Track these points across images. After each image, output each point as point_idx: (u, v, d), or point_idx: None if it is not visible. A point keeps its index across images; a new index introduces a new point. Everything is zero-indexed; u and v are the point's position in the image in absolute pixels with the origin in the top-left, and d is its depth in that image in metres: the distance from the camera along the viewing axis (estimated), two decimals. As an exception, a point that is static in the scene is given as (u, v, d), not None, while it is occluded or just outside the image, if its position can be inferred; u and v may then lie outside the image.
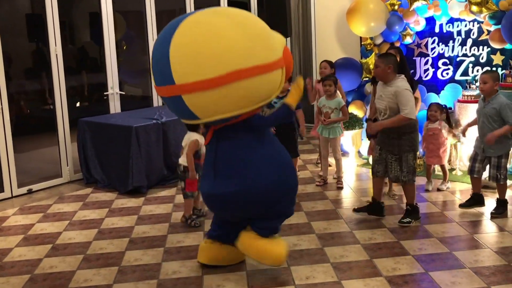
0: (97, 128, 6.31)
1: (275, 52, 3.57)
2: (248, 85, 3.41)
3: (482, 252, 4.20)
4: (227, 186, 3.66)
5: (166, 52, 3.38)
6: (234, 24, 3.44)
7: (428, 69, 7.21)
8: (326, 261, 4.13)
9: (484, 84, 4.83)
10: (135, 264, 4.22)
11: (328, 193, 5.84)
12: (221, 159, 3.72)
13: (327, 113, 5.94)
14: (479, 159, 5.00)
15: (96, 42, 7.19)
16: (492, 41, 6.36)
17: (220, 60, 3.33)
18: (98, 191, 6.21)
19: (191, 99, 3.43)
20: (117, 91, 6.98)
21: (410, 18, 6.95)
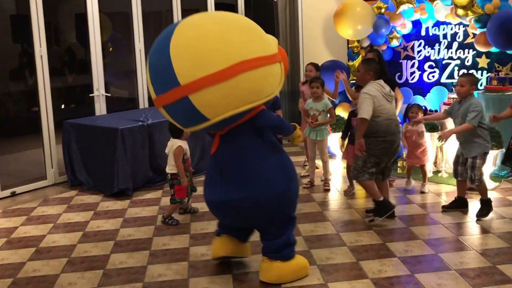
0: (82, 130, 6.26)
1: (271, 47, 3.61)
2: (253, 76, 3.40)
3: (467, 254, 4.21)
4: (236, 193, 3.63)
5: (166, 55, 3.34)
6: (228, 24, 3.50)
7: (414, 72, 7.24)
8: (312, 263, 4.12)
9: (461, 87, 4.87)
10: (120, 267, 4.18)
11: (315, 195, 5.83)
12: (229, 165, 3.69)
13: (314, 115, 5.95)
14: (460, 162, 5.04)
15: (82, 43, 7.14)
16: (477, 44, 6.40)
17: (222, 54, 3.33)
18: (83, 193, 6.15)
19: (198, 98, 3.35)
20: (103, 92, 6.93)
21: (396, 21, 6.98)
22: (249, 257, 4.17)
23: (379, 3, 7.13)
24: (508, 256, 4.14)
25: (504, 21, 5.86)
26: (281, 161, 3.76)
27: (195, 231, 4.85)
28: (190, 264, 4.19)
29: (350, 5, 7.19)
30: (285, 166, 3.76)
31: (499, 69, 6.38)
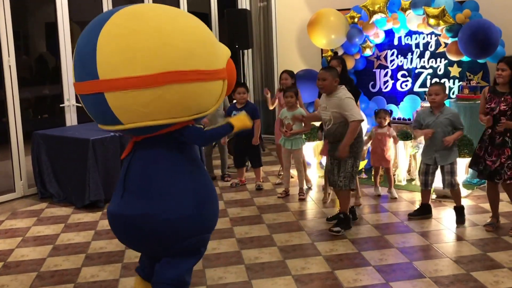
0: (52, 141, 6.13)
1: (218, 61, 3.18)
2: (185, 90, 2.98)
3: (441, 262, 4.22)
4: (137, 207, 3.11)
5: (92, 43, 2.88)
6: (177, 22, 3.04)
7: (387, 81, 7.30)
8: (287, 273, 4.08)
9: (436, 96, 4.91)
10: (92, 280, 4.08)
11: (290, 204, 5.80)
12: (134, 174, 3.18)
13: (289, 124, 5.93)
14: (431, 172, 5.07)
15: (52, 52, 7.02)
16: (449, 54, 6.49)
17: (156, 56, 2.87)
18: (53, 206, 6.01)
19: (115, 99, 2.92)
20: (74, 103, 6.81)
21: (369, 31, 7.04)
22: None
23: (352, 12, 7.18)
24: (482, 263, 4.16)
25: (475, 30, 5.96)
26: (197, 182, 3.24)
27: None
28: (163, 276, 4.10)
29: (323, 14, 7.23)
30: (200, 188, 3.24)
31: (470, 78, 6.48)
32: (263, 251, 4.51)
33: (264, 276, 4.03)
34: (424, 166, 5.12)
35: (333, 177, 4.93)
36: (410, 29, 6.86)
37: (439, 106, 4.94)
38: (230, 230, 5.03)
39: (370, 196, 5.99)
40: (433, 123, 4.97)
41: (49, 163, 6.18)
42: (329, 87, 4.83)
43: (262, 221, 5.27)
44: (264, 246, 4.64)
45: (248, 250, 4.52)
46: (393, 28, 7.00)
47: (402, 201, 5.79)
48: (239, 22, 8.14)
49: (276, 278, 4.00)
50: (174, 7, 3.22)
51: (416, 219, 5.18)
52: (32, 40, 7.43)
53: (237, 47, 8.28)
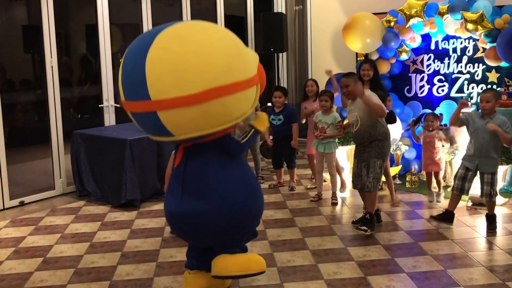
0: (91, 141, 6.28)
1: (251, 69, 3.48)
2: (227, 102, 3.28)
3: (476, 270, 4.17)
4: (194, 205, 3.49)
5: (141, 66, 3.16)
6: (212, 40, 3.30)
7: (423, 86, 7.22)
8: (319, 277, 4.09)
9: (487, 103, 4.87)
10: (127, 278, 4.17)
11: (322, 208, 5.80)
12: (190, 176, 3.54)
13: (322, 128, 5.94)
14: (468, 178, 5.02)
15: (92, 54, 7.19)
16: (487, 59, 6.39)
17: (200, 75, 3.17)
18: (91, 204, 6.16)
19: (167, 116, 3.22)
20: (112, 103, 6.97)
21: (406, 35, 6.98)
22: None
23: (389, 16, 7.13)
24: (518, 273, 4.10)
25: (514, 36, 5.85)
26: (243, 179, 3.62)
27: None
28: (197, 276, 4.17)
29: (359, 18, 7.20)
30: (247, 184, 3.63)
31: (509, 83, 6.36)
32: (296, 255, 4.53)
33: (296, 279, 4.06)
34: (463, 171, 5.06)
35: (361, 180, 4.99)
36: (447, 33, 6.77)
37: (490, 113, 4.91)
38: (263, 232, 5.06)
39: (403, 202, 5.94)
40: (481, 128, 4.93)
41: (88, 162, 6.33)
42: (353, 92, 4.93)
43: (295, 224, 5.29)
44: (296, 249, 4.66)
45: (281, 253, 4.55)
46: (430, 33, 6.92)
47: (437, 208, 5.73)
48: (275, 25, 8.18)
49: (308, 282, 4.02)
50: (207, 22, 3.47)
51: (436, 222, 5.18)
52: (73, 42, 7.63)
53: (272, 50, 8.33)
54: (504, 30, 6.00)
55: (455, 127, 6.23)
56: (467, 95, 6.74)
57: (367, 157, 4.96)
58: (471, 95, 6.72)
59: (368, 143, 4.95)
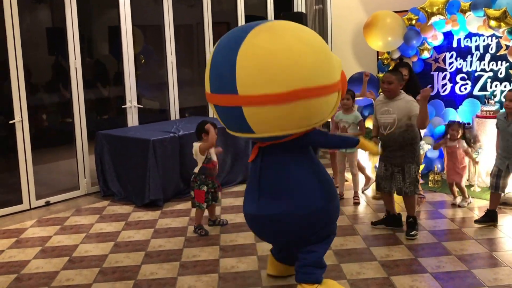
0: (114, 141, 6.36)
1: (336, 74, 3.49)
2: (311, 105, 3.32)
3: (501, 270, 4.13)
4: (274, 207, 3.55)
5: (232, 60, 3.23)
6: (303, 40, 3.34)
7: (446, 84, 7.16)
8: (342, 277, 4.09)
9: (510, 102, 4.80)
10: (151, 278, 4.22)
11: (344, 208, 5.80)
12: (267, 178, 3.61)
13: (344, 127, 5.92)
14: (503, 176, 4.96)
15: (115, 55, 7.27)
16: (510, 56, 6.30)
17: (289, 75, 3.20)
18: (114, 204, 6.24)
19: (251, 112, 3.29)
20: (135, 104, 7.04)
21: (427, 33, 6.92)
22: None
23: (410, 14, 7.08)
24: (544, 274, 4.05)
25: (539, 33, 5.77)
26: (320, 179, 3.67)
27: (224, 243, 4.87)
28: (220, 276, 4.20)
29: (380, 16, 7.16)
30: (324, 184, 3.67)
31: (533, 81, 6.28)
32: (318, 254, 4.53)
33: (319, 279, 4.07)
34: (496, 169, 5.02)
35: (394, 184, 4.91)
36: (469, 31, 6.70)
37: None
38: (285, 232, 5.07)
39: (427, 202, 5.90)
40: (505, 130, 4.87)
41: (111, 162, 6.41)
42: (394, 90, 4.85)
43: (317, 224, 5.28)
44: (319, 249, 4.66)
45: (303, 253, 4.55)
46: (452, 30, 6.86)
47: (460, 208, 5.68)
48: (295, 24, 8.17)
49: (331, 282, 4.02)
50: (297, 24, 3.54)
51: (482, 225, 5.07)
52: (96, 43, 7.73)
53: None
54: (528, 27, 5.93)
55: (478, 125, 6.18)
56: (490, 93, 6.66)
57: (400, 162, 4.82)
58: (494, 93, 6.65)
59: (399, 147, 4.80)
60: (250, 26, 3.37)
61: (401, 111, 4.77)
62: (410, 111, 4.74)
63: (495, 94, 6.63)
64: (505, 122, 4.89)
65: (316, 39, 3.47)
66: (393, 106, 4.84)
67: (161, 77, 7.53)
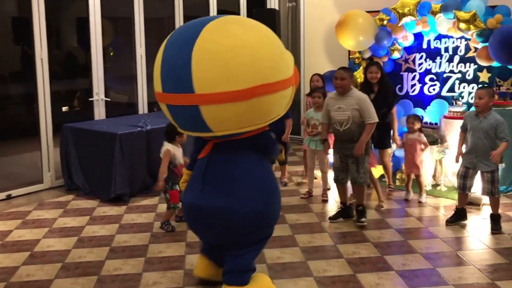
0: (81, 134, 6.23)
1: (289, 69, 3.45)
2: (269, 100, 3.28)
3: (466, 269, 4.17)
4: (216, 200, 3.44)
5: (186, 57, 3.09)
6: (259, 35, 3.28)
7: (415, 84, 7.22)
8: (309, 274, 4.08)
9: (479, 100, 4.88)
10: (115, 273, 4.14)
11: (313, 206, 5.79)
12: (214, 172, 3.51)
13: (314, 124, 5.92)
14: (469, 176, 5.02)
15: (83, 47, 7.13)
16: (479, 59, 6.39)
17: (249, 71, 3.11)
18: (79, 198, 6.11)
19: (209, 111, 3.16)
20: (103, 97, 6.92)
21: (398, 34, 6.97)
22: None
23: (382, 15, 7.12)
24: (507, 273, 4.10)
25: (506, 35, 5.86)
26: (267, 182, 3.58)
27: (191, 239, 4.81)
28: (186, 272, 4.14)
29: (352, 16, 7.18)
30: (270, 187, 3.58)
31: (500, 83, 6.37)
32: (285, 251, 4.52)
33: (286, 276, 4.04)
34: (464, 169, 5.08)
35: (349, 175, 5.11)
36: (439, 32, 6.77)
37: (483, 110, 4.90)
38: (253, 229, 5.04)
39: (394, 200, 5.95)
40: (475, 127, 4.93)
41: (77, 155, 6.28)
42: (346, 87, 5.02)
43: (285, 221, 5.27)
44: (286, 246, 4.64)
45: (270, 250, 4.52)
46: (422, 32, 6.92)
47: (427, 206, 5.74)
48: (267, 21, 8.03)
49: (297, 279, 4.00)
50: (249, 19, 3.50)
51: (453, 225, 5.13)
52: (63, 35, 7.56)
53: (265, 46, 8.28)
54: (496, 30, 6.01)
55: (445, 126, 6.27)
56: (458, 95, 6.75)
57: (356, 154, 5.00)
58: (462, 94, 6.73)
59: (355, 141, 4.98)
60: (203, 22, 3.24)
61: (354, 109, 4.96)
62: (363, 108, 4.93)
63: (463, 95, 6.71)
64: (476, 119, 4.95)
65: (271, 34, 3.41)
66: (345, 103, 5.01)
67: (130, 71, 7.42)
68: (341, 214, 5.30)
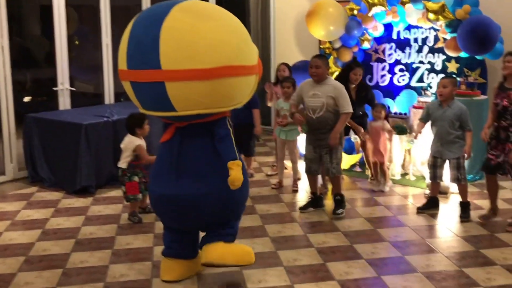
0: (45, 125, 6.07)
1: (254, 57, 3.55)
2: (233, 83, 3.35)
3: (434, 257, 4.21)
4: (193, 188, 3.48)
5: (155, 34, 3.16)
6: (227, 20, 3.40)
7: (385, 75, 7.26)
8: (279, 264, 4.05)
9: (443, 88, 4.92)
10: (81, 266, 4.04)
11: (283, 196, 5.77)
12: (186, 158, 3.53)
13: (285, 115, 5.88)
14: (438, 165, 5.06)
15: (47, 36, 6.94)
16: (447, 49, 6.45)
17: (215, 51, 3.20)
18: (43, 190, 5.95)
19: (175, 88, 3.22)
20: (68, 87, 6.74)
21: (368, 24, 6.98)
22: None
23: (352, 4, 7.12)
24: (474, 260, 4.15)
25: (475, 26, 5.91)
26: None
27: (159, 230, 4.72)
28: (154, 264, 4.07)
29: (322, 5, 7.15)
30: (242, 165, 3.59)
31: (468, 74, 6.44)
32: (255, 242, 4.47)
33: (256, 266, 3.98)
34: (432, 159, 5.12)
35: (321, 165, 5.12)
36: (409, 23, 6.80)
37: (446, 99, 4.95)
38: (222, 220, 4.98)
39: (363, 189, 5.97)
40: (439, 116, 4.96)
41: (41, 146, 6.11)
42: (322, 74, 4.99)
43: (255, 212, 5.23)
44: (256, 236, 4.61)
45: (240, 241, 4.45)
46: (392, 22, 6.94)
47: (395, 195, 5.77)
48: (237, 11, 7.92)
49: (267, 269, 3.97)
50: (217, 5, 3.61)
51: (425, 213, 5.17)
52: (26, 23, 7.35)
53: (234, 36, 8.20)
54: (465, 21, 6.06)
55: (414, 116, 6.31)
56: (427, 85, 6.80)
57: (329, 144, 4.98)
58: (431, 84, 6.79)
59: (328, 130, 4.97)
60: (172, 3, 3.33)
61: (328, 97, 4.94)
62: (338, 97, 4.92)
63: (432, 85, 6.76)
64: (440, 109, 4.99)
65: (238, 21, 3.51)
66: (321, 90, 4.98)
67: (96, 60, 7.25)
68: (311, 204, 5.30)
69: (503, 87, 4.70)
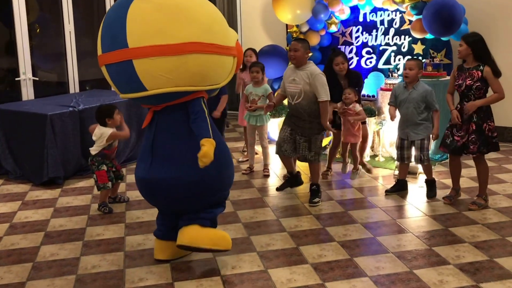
0: (8, 116, 5.90)
1: (230, 40, 3.60)
2: (204, 61, 3.38)
3: (404, 237, 4.27)
4: (164, 171, 3.53)
5: (122, 15, 3.26)
6: (199, 3, 3.47)
7: (352, 58, 7.29)
8: (252, 250, 4.06)
9: (410, 71, 4.95)
10: (51, 259, 3.97)
11: (254, 181, 5.77)
12: (161, 143, 3.59)
13: (254, 100, 5.86)
14: (406, 146, 5.11)
15: (6, 24, 6.72)
16: (413, 31, 6.51)
17: (181, 28, 3.27)
18: (9, 182, 5.81)
19: (142, 65, 3.26)
20: (30, 76, 6.58)
21: (335, 7, 6.98)
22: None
23: (318, -12, 7.10)
24: (443, 238, 4.23)
25: (439, 8, 5.97)
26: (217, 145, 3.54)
27: (130, 220, 4.68)
28: (126, 254, 4.03)
29: (289, -11, 7.11)
30: (219, 153, 3.54)
31: (434, 55, 6.52)
32: (228, 228, 4.46)
33: (229, 253, 3.97)
34: (399, 141, 5.17)
35: (301, 152, 5.01)
36: (375, 5, 6.83)
37: (412, 81, 4.98)
38: (194, 207, 4.95)
39: (334, 172, 6.00)
40: (405, 99, 5.00)
41: (4, 138, 5.95)
42: (300, 58, 4.87)
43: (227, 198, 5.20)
44: (228, 223, 4.60)
45: (213, 227, 4.46)
46: (358, 5, 6.96)
47: (366, 177, 5.83)
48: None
49: (241, 255, 3.97)
50: None
51: (393, 195, 5.23)
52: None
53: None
54: (430, 3, 6.12)
55: (382, 98, 6.36)
56: (393, 67, 6.85)
57: (308, 133, 4.92)
58: (398, 66, 6.85)
59: (308, 119, 4.89)
60: None
61: (306, 83, 4.84)
62: (314, 83, 4.79)
63: (398, 67, 6.83)
64: (406, 91, 5.03)
65: (213, 7, 3.58)
66: (299, 75, 4.89)
67: (58, 48, 7.07)
68: (288, 183, 5.31)
69: (462, 68, 4.75)
